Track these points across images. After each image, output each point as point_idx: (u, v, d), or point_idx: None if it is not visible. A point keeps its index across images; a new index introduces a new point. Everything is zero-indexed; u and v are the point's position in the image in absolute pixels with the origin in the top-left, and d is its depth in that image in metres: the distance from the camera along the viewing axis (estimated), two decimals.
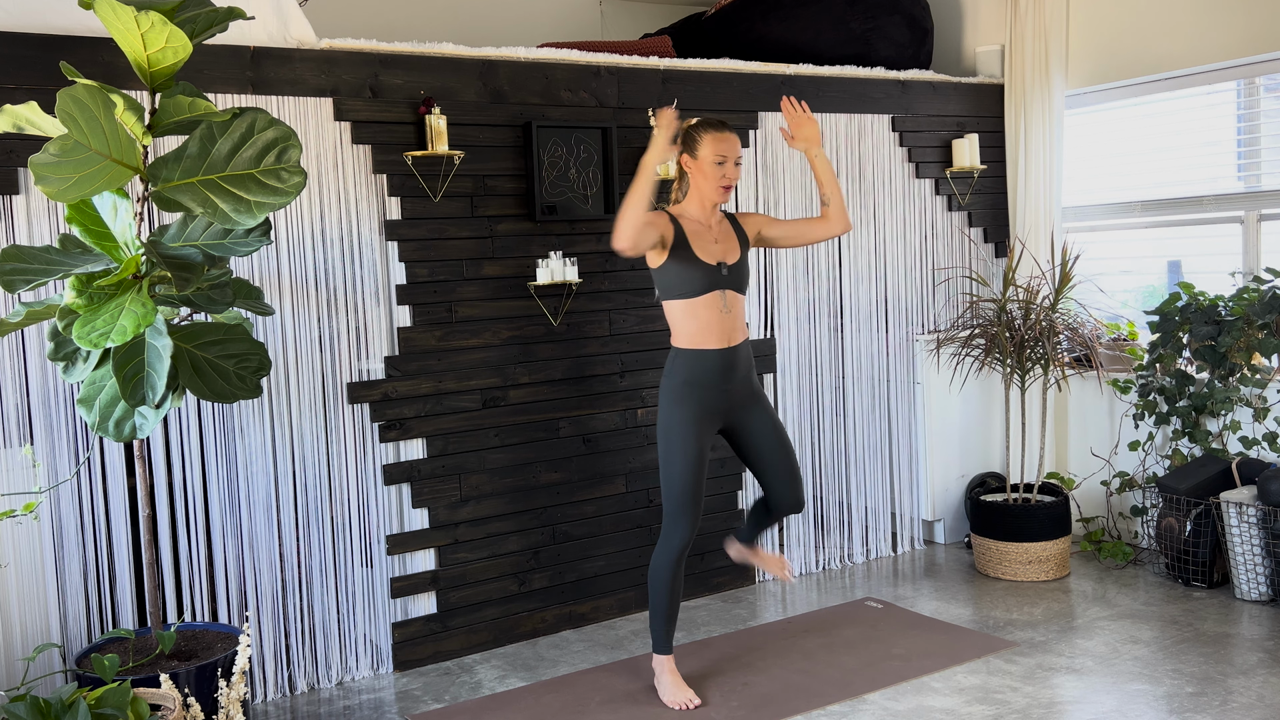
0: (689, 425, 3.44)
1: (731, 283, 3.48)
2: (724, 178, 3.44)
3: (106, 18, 2.62)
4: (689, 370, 3.45)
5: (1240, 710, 3.28)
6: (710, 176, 3.44)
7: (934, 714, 3.36)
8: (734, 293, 3.49)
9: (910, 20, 5.13)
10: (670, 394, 3.48)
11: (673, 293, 3.46)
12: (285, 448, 3.69)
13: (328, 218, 3.72)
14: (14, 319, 2.86)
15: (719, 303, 3.45)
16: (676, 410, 3.45)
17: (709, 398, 3.47)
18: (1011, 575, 4.60)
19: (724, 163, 3.43)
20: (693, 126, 3.49)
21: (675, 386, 3.47)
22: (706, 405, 3.47)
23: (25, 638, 3.32)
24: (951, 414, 5.09)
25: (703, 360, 3.45)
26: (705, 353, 3.45)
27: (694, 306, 3.44)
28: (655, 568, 3.51)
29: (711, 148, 3.42)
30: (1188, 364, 4.62)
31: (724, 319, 3.46)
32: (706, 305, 3.43)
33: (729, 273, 3.48)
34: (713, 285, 3.44)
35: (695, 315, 3.44)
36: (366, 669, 3.88)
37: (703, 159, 3.44)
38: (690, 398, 3.45)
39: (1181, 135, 4.88)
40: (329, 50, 3.70)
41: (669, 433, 3.46)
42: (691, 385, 3.45)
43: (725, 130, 3.45)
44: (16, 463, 3.27)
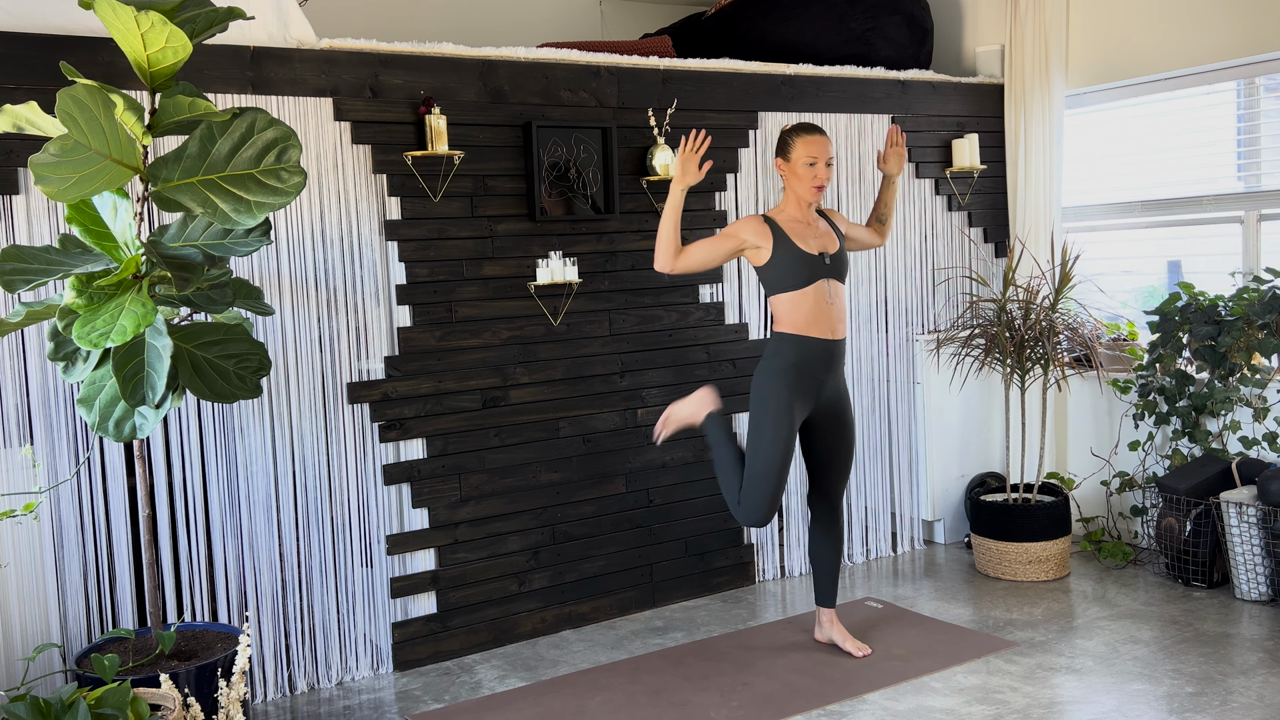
0: (785, 404, 3.59)
1: (834, 271, 3.68)
2: (816, 178, 3.64)
3: (106, 18, 2.62)
4: (796, 354, 3.61)
5: (1240, 710, 3.28)
6: (804, 177, 3.64)
7: (934, 714, 3.36)
8: (836, 282, 3.68)
9: (910, 20, 5.13)
10: (774, 374, 3.61)
11: (780, 286, 3.63)
12: (285, 448, 3.69)
13: (328, 218, 3.72)
14: (14, 319, 2.86)
15: (824, 292, 3.63)
16: (776, 387, 3.60)
17: (808, 384, 3.63)
18: (1011, 575, 4.60)
19: (815, 164, 3.64)
20: (785, 132, 3.72)
21: (783, 368, 3.61)
22: (804, 390, 3.62)
23: (25, 638, 3.32)
24: (951, 414, 5.09)
25: (808, 346, 3.62)
26: (812, 340, 3.62)
27: (801, 298, 3.61)
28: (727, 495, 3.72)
29: (803, 150, 3.64)
30: (1188, 364, 4.62)
31: (829, 309, 3.64)
32: (813, 295, 3.62)
33: (831, 261, 3.67)
34: (817, 275, 3.62)
35: (802, 306, 3.61)
36: (366, 669, 3.88)
37: (795, 161, 3.65)
38: (791, 379, 3.60)
39: (1181, 135, 4.88)
40: (329, 50, 3.70)
41: (765, 411, 3.59)
42: (794, 368, 3.61)
43: (815, 133, 3.66)
44: (16, 463, 3.27)
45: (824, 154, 3.64)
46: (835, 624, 3.91)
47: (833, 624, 3.91)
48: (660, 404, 4.41)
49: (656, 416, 4.41)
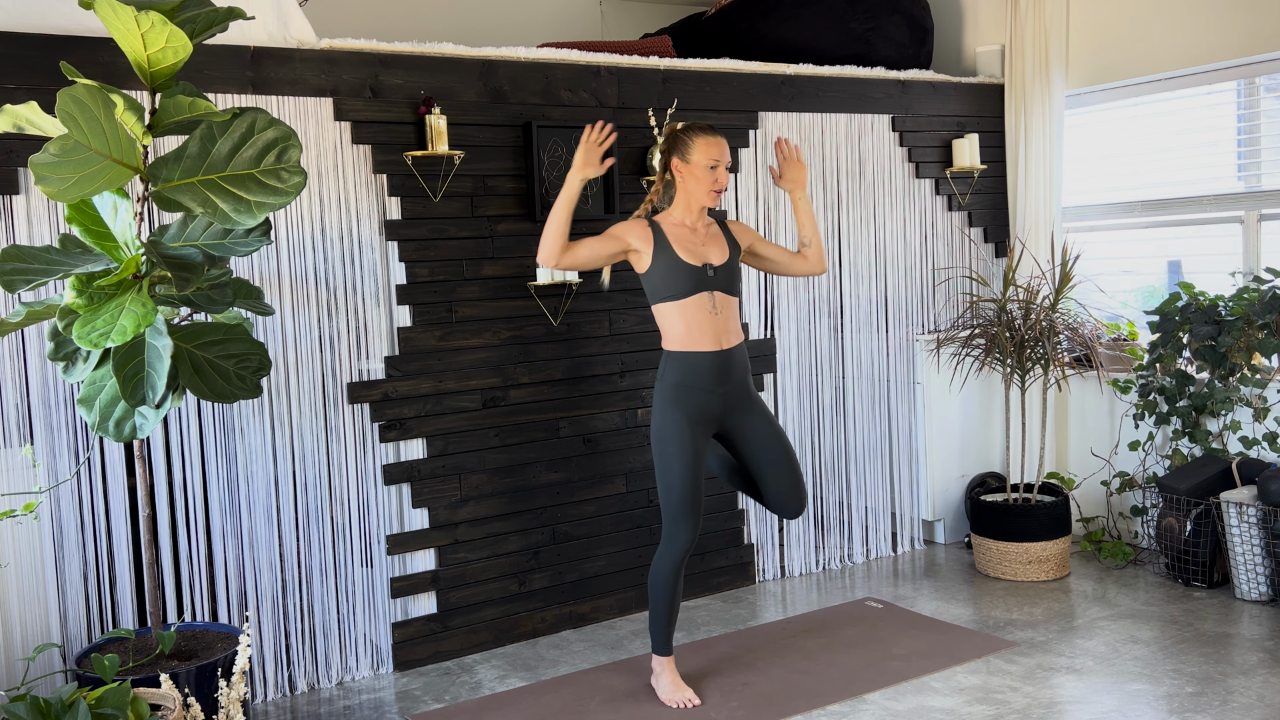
0: (683, 428, 3.42)
1: (719, 284, 3.47)
2: (715, 182, 3.45)
3: (106, 18, 2.62)
4: (680, 372, 3.44)
5: (1240, 710, 3.28)
6: (702, 180, 3.44)
7: (934, 714, 3.36)
8: (723, 294, 3.48)
9: (910, 20, 5.13)
10: (663, 396, 3.46)
11: (660, 295, 3.46)
12: (285, 448, 3.69)
13: (328, 218, 3.72)
14: (14, 319, 2.86)
15: (708, 304, 3.44)
16: (669, 412, 3.44)
17: (702, 400, 3.44)
18: (1011, 575, 4.60)
19: (716, 167, 3.44)
20: (682, 130, 3.50)
21: (667, 389, 3.45)
22: (700, 408, 3.44)
23: (25, 638, 3.32)
24: (951, 414, 5.09)
25: (694, 362, 3.43)
26: (697, 355, 3.43)
27: (682, 308, 3.43)
28: (655, 571, 3.50)
29: (704, 152, 3.43)
30: (1188, 364, 4.62)
31: (714, 320, 3.45)
32: (695, 307, 3.43)
33: (715, 273, 3.47)
34: (699, 286, 3.43)
35: (684, 317, 3.43)
36: (366, 669, 3.88)
37: (695, 163, 3.44)
38: (682, 400, 3.43)
39: (1181, 135, 4.88)
40: (329, 50, 3.70)
41: (664, 436, 3.44)
42: (683, 387, 3.43)
43: (716, 134, 3.47)
44: (16, 463, 3.27)
45: (725, 157, 3.44)
46: None
47: None
48: None
49: None
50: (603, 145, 3.39)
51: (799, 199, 3.69)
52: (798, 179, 3.68)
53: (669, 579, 3.48)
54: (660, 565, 3.49)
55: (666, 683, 3.54)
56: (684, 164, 3.47)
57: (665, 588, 3.49)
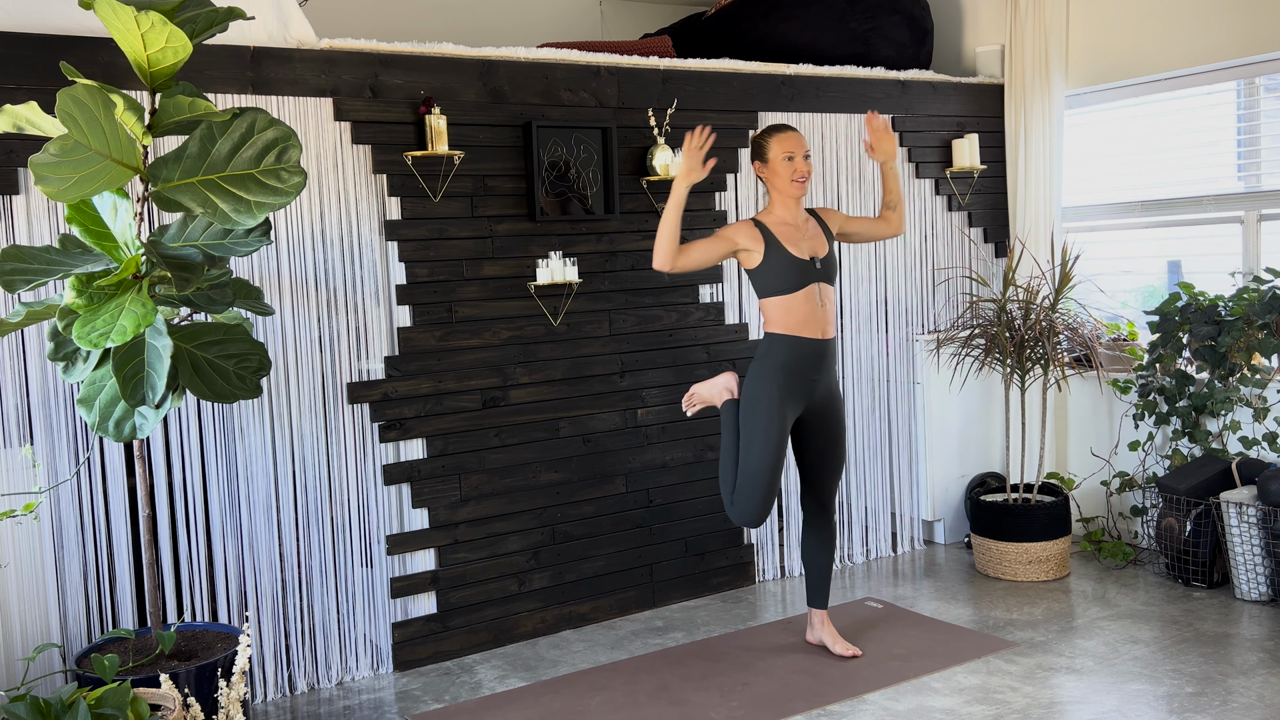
0: (775, 405, 3.58)
1: (824, 275, 3.66)
2: (795, 172, 3.62)
3: (106, 18, 2.62)
4: (786, 353, 3.61)
5: (1240, 710, 3.28)
6: (783, 174, 3.63)
7: (934, 714, 3.36)
8: (827, 285, 3.67)
9: (910, 20, 5.13)
10: (764, 373, 3.61)
11: (770, 290, 3.62)
12: (285, 448, 3.69)
13: (328, 218, 3.72)
14: (14, 319, 2.86)
15: (815, 296, 3.62)
16: (767, 388, 3.59)
17: (798, 385, 3.62)
18: (1011, 575, 4.60)
19: (793, 158, 3.61)
20: (758, 136, 3.70)
21: (773, 367, 3.61)
22: (795, 390, 3.61)
23: (25, 638, 3.32)
24: (951, 414, 5.09)
25: (800, 347, 3.61)
26: (803, 340, 3.61)
27: (792, 302, 3.60)
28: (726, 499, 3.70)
29: (779, 146, 3.62)
30: (1188, 364, 4.62)
31: (820, 311, 3.63)
32: (804, 299, 3.61)
33: (822, 266, 3.65)
34: (807, 279, 3.61)
35: (794, 310, 3.60)
36: (366, 669, 3.88)
37: (773, 159, 3.63)
38: (782, 380, 3.59)
39: (1181, 135, 4.88)
40: (329, 50, 3.70)
41: (755, 410, 3.59)
42: (785, 369, 3.60)
43: (788, 130, 3.65)
44: (16, 463, 3.27)
45: (800, 148, 3.62)
46: (827, 625, 3.90)
47: (824, 625, 3.90)
48: (660, 404, 4.42)
49: (656, 416, 4.42)
50: (703, 149, 3.52)
51: (890, 170, 3.85)
52: (890, 150, 3.83)
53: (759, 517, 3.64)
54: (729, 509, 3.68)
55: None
56: (763, 165, 3.67)
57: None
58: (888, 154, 3.83)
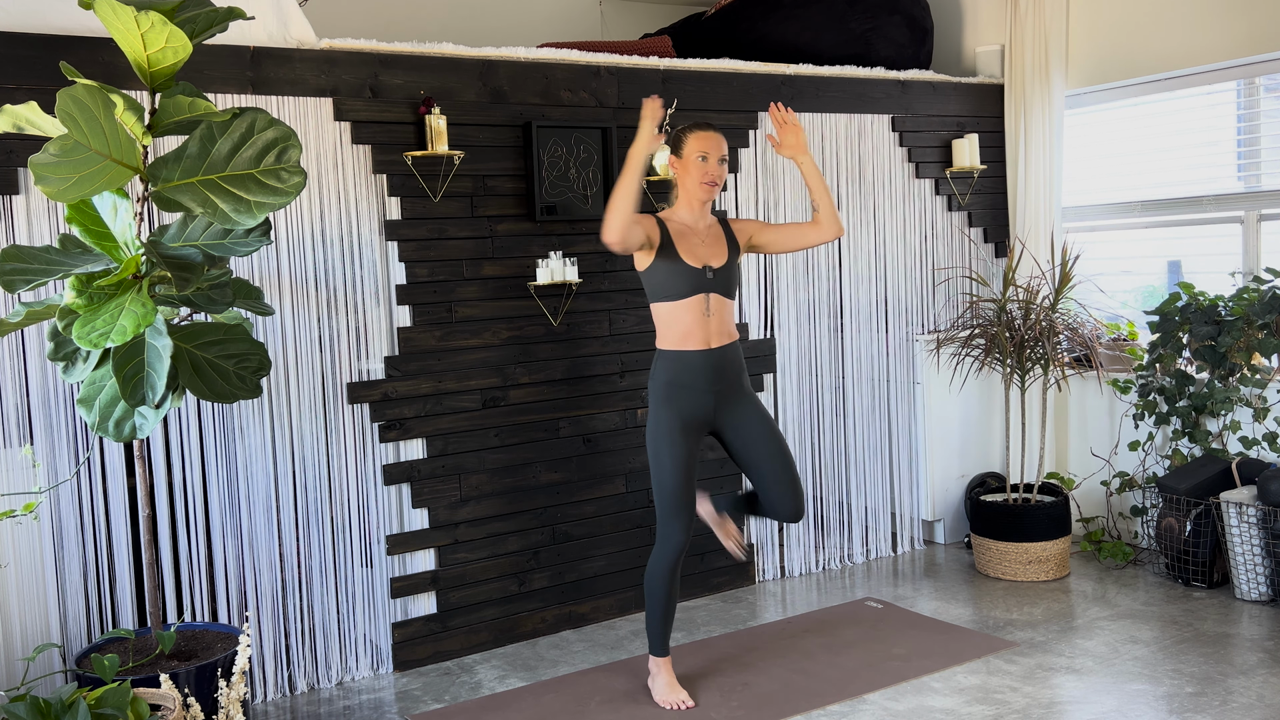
0: (674, 427, 3.44)
1: (716, 286, 3.48)
2: (706, 174, 3.45)
3: (106, 18, 2.62)
4: (672, 371, 3.46)
5: (1240, 710, 3.28)
6: (694, 174, 3.46)
7: (934, 714, 3.36)
8: (719, 296, 3.49)
9: (910, 20, 5.13)
10: (655, 395, 3.49)
11: (658, 294, 3.47)
12: (285, 448, 3.69)
13: (328, 218, 3.72)
14: (14, 319, 2.86)
15: (702, 306, 3.45)
16: (661, 411, 3.46)
17: (693, 399, 3.46)
18: (1011, 575, 4.60)
19: (706, 159, 3.45)
20: (679, 129, 3.54)
21: (659, 388, 3.48)
22: (691, 407, 3.46)
23: (25, 638, 3.32)
24: (951, 414, 5.09)
25: (685, 361, 3.45)
26: (688, 354, 3.46)
27: (678, 309, 3.45)
28: (651, 572, 3.50)
29: (695, 144, 3.46)
30: (1188, 364, 4.62)
31: (707, 322, 3.46)
32: (690, 308, 3.44)
33: (714, 276, 3.47)
34: (697, 288, 3.44)
35: (679, 318, 3.45)
36: (366, 669, 3.88)
37: (686, 157, 3.48)
38: (674, 399, 3.45)
39: (1181, 135, 4.88)
40: (329, 50, 3.70)
41: (656, 435, 3.46)
42: (674, 386, 3.46)
43: (708, 129, 3.48)
44: (16, 463, 3.27)
45: (716, 149, 3.43)
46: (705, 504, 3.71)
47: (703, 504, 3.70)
48: None
49: None
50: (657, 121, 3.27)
51: (803, 163, 3.59)
52: (797, 143, 3.58)
53: (665, 579, 3.48)
54: (655, 566, 3.49)
55: (662, 684, 3.54)
56: (678, 160, 3.51)
57: (661, 588, 3.49)
58: (795, 148, 3.58)
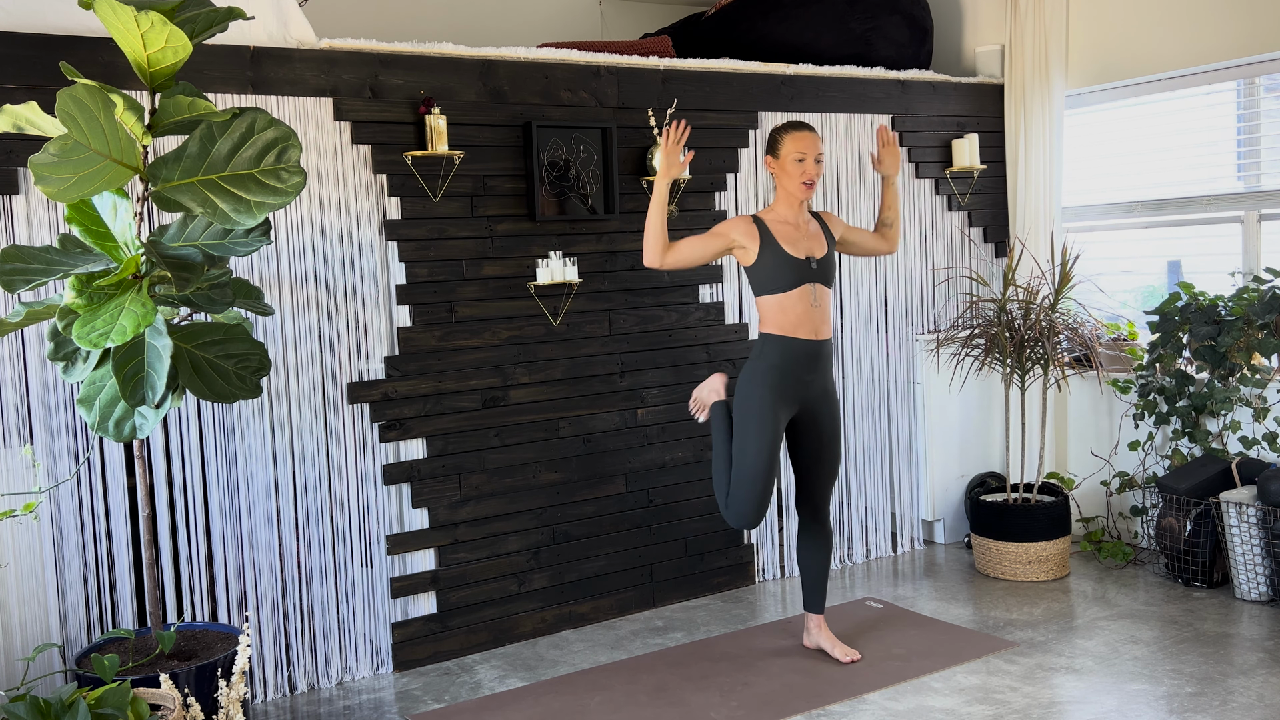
0: (768, 406, 3.57)
1: (819, 276, 3.64)
2: (804, 174, 3.59)
3: (106, 18, 2.62)
4: (779, 355, 3.59)
5: (1240, 710, 3.28)
6: (793, 174, 3.60)
7: (934, 714, 3.36)
8: (822, 286, 3.65)
9: (910, 20, 5.13)
10: (756, 375, 3.60)
11: (765, 288, 3.60)
12: (285, 448, 3.69)
13: (328, 218, 3.72)
14: (14, 319, 2.86)
15: (809, 296, 3.61)
16: (760, 391, 3.58)
17: (791, 385, 3.60)
18: (1011, 575, 4.60)
19: (804, 159, 3.58)
20: (775, 129, 3.68)
21: (762, 369, 3.60)
22: (788, 391, 3.60)
23: (25, 638, 3.32)
24: (951, 414, 5.09)
25: (792, 347, 3.59)
26: (796, 341, 3.59)
27: (786, 300, 3.58)
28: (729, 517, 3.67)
29: (792, 146, 3.59)
30: (1188, 364, 4.62)
31: (814, 312, 3.61)
32: (798, 298, 3.59)
33: (817, 266, 3.63)
34: (802, 279, 3.59)
35: (787, 309, 3.58)
36: (366, 669, 3.88)
37: (784, 158, 3.60)
38: (774, 381, 3.58)
39: (1181, 135, 4.88)
40: (329, 50, 3.70)
41: (747, 411, 3.58)
42: (778, 370, 3.59)
43: (805, 129, 3.62)
44: (16, 463, 3.27)
45: (813, 149, 3.59)
46: (824, 630, 3.88)
47: (821, 630, 3.88)
48: (660, 404, 4.42)
49: (656, 416, 4.42)
50: (680, 143, 3.52)
51: (891, 184, 3.86)
52: (895, 165, 3.85)
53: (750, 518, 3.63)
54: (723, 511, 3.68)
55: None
56: (774, 160, 3.64)
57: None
58: (892, 168, 3.84)
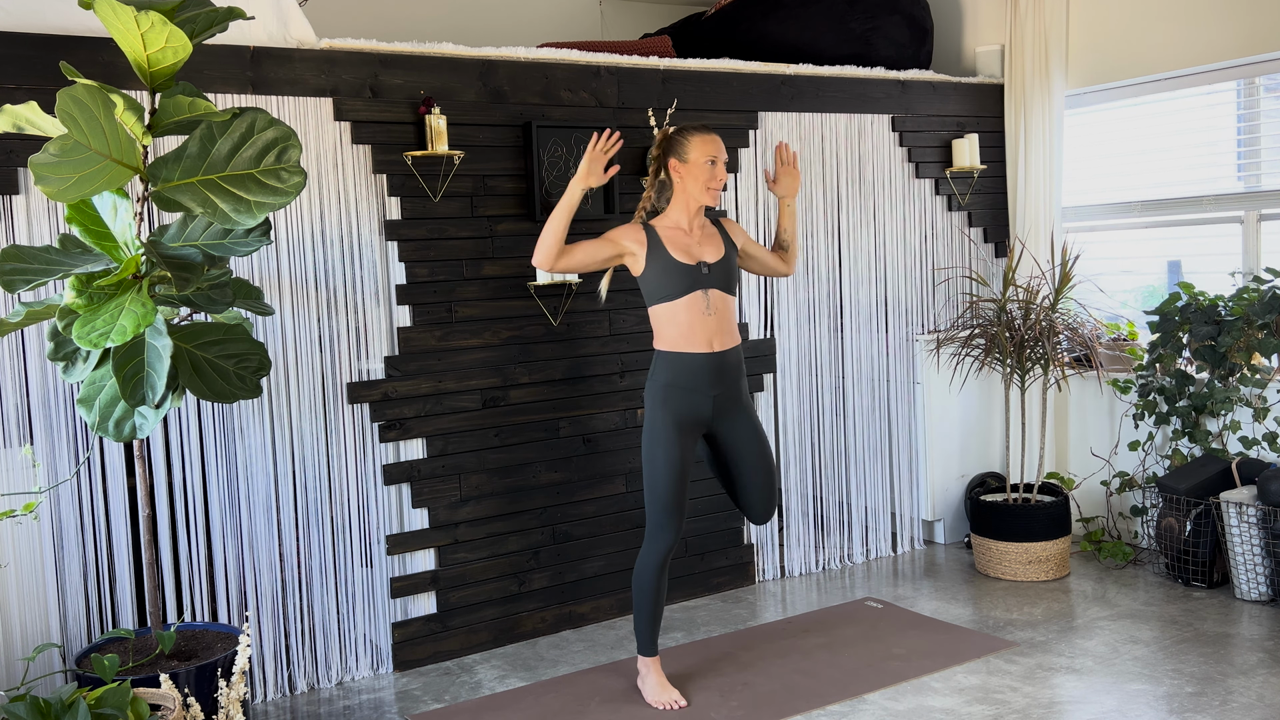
0: (670, 430, 3.42)
1: (714, 281, 3.46)
2: (715, 179, 3.45)
3: (106, 18, 2.62)
4: (671, 372, 3.43)
5: (1240, 710, 3.28)
6: (700, 178, 3.44)
7: (934, 714, 3.36)
8: (719, 292, 3.47)
9: (910, 20, 5.13)
10: (653, 396, 3.46)
11: (655, 296, 3.45)
12: (285, 448, 3.69)
13: (328, 218, 3.72)
14: (14, 319, 2.86)
15: (701, 303, 3.43)
16: (658, 413, 3.44)
17: (692, 402, 3.44)
18: (1011, 575, 4.60)
19: (714, 162, 3.45)
20: (676, 132, 3.50)
21: (657, 389, 3.45)
22: (689, 410, 3.44)
23: (25, 638, 3.32)
24: (951, 414, 5.09)
25: (686, 363, 3.43)
26: (688, 355, 3.43)
27: (676, 309, 3.42)
28: (639, 570, 3.50)
29: (701, 150, 3.44)
30: (1188, 364, 4.62)
31: (707, 321, 3.44)
32: (688, 307, 3.42)
33: (710, 271, 3.46)
34: (694, 285, 3.43)
35: (677, 318, 3.42)
36: (366, 669, 3.88)
37: (693, 162, 3.44)
38: (672, 401, 3.43)
39: (1181, 135, 4.88)
40: (329, 50, 3.70)
41: (651, 436, 3.44)
42: (674, 388, 3.43)
43: (711, 132, 3.48)
44: (16, 463, 3.27)
45: (722, 153, 3.45)
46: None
47: None
48: None
49: None
50: (607, 154, 3.37)
51: (788, 206, 3.72)
52: (793, 188, 3.71)
53: (653, 578, 3.48)
54: (644, 564, 3.48)
55: (652, 684, 3.54)
56: (681, 164, 3.46)
57: (649, 587, 3.48)
58: (789, 190, 3.70)
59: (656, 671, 3.56)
